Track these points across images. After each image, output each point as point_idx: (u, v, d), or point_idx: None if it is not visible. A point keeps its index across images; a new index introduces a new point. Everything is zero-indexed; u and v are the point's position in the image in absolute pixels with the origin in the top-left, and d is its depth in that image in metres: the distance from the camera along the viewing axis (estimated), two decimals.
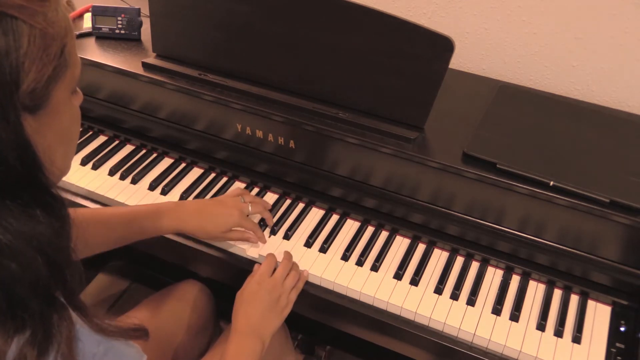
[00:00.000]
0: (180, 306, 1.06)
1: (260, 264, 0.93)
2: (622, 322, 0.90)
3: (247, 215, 0.98)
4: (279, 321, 0.88)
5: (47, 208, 0.49)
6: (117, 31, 1.17)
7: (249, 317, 0.85)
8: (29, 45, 0.46)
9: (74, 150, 0.60)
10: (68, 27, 0.51)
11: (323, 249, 0.99)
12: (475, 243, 0.99)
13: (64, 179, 1.12)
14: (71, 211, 0.53)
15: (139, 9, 1.18)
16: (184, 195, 1.07)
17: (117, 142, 1.20)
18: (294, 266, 0.94)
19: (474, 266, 0.98)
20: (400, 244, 1.01)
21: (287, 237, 1.01)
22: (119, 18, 1.17)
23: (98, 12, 1.17)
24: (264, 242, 0.99)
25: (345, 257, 0.98)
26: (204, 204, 0.97)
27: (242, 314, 0.85)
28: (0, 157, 0.45)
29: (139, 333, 0.59)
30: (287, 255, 0.94)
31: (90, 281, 1.38)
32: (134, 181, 1.10)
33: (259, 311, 0.86)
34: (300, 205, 1.07)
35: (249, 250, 0.98)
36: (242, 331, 0.84)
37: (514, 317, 0.90)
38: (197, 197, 1.07)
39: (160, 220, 0.91)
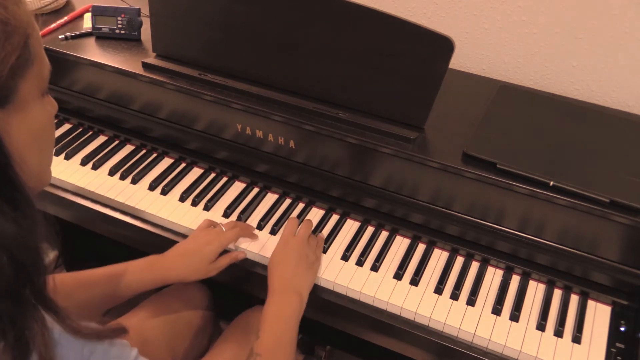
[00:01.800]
0: (180, 306, 1.06)
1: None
2: (622, 322, 0.90)
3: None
4: (312, 276, 0.92)
5: (16, 205, 0.48)
6: (117, 31, 1.17)
7: (282, 275, 0.88)
8: None
9: (51, 157, 0.60)
10: (30, 22, 0.52)
11: (323, 249, 0.99)
12: (475, 243, 0.99)
13: (65, 178, 1.13)
14: (49, 279, 0.53)
15: (139, 9, 1.18)
16: (184, 196, 1.07)
17: (117, 142, 1.19)
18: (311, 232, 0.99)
19: (474, 266, 0.98)
20: (400, 244, 1.01)
21: None
22: (119, 18, 1.17)
23: (98, 12, 1.17)
24: (256, 238, 1.00)
25: (345, 257, 0.98)
26: (182, 246, 0.94)
27: (276, 275, 0.89)
28: None
29: (115, 332, 0.58)
30: (307, 219, 1.01)
31: None
32: (134, 181, 1.10)
33: (290, 268, 0.89)
34: (300, 205, 1.07)
35: (249, 250, 0.98)
36: (278, 290, 0.87)
37: (514, 317, 0.90)
38: (197, 196, 1.07)
39: (144, 274, 0.90)
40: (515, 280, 0.96)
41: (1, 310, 0.47)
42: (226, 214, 1.05)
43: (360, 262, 0.97)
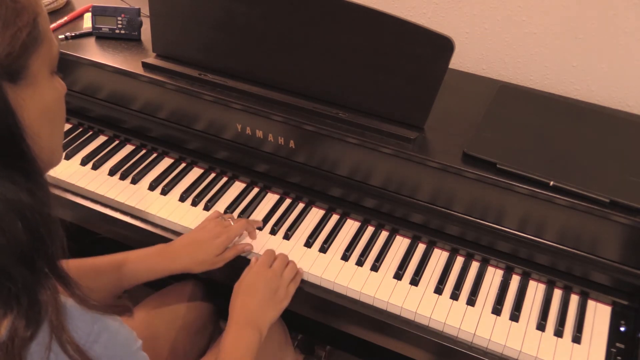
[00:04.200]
0: (180, 306, 1.06)
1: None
2: (622, 322, 0.90)
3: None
4: (277, 313, 0.88)
5: (28, 176, 0.50)
6: (117, 31, 1.17)
7: (246, 308, 0.85)
8: (0, 9, 0.48)
9: (62, 137, 0.62)
10: (38, 2, 0.53)
11: (323, 249, 0.99)
12: (475, 243, 0.99)
13: (65, 178, 1.13)
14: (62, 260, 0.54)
15: (139, 9, 1.18)
16: (184, 196, 1.07)
17: (117, 142, 1.20)
18: (290, 262, 0.94)
19: (474, 266, 0.98)
20: (400, 244, 1.01)
21: (287, 237, 1.01)
22: (119, 18, 1.17)
23: (98, 12, 1.17)
24: (254, 237, 1.00)
25: (345, 257, 0.98)
26: (190, 236, 0.94)
27: (239, 305, 0.86)
28: None
29: (121, 308, 0.60)
30: (282, 253, 0.95)
31: None
32: (134, 181, 1.10)
33: (256, 301, 0.86)
34: (300, 205, 1.07)
35: (253, 252, 0.98)
36: (239, 321, 0.84)
37: (514, 317, 0.90)
38: (197, 197, 1.07)
39: (149, 263, 0.90)
40: (515, 280, 0.96)
41: (16, 277, 0.49)
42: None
43: (360, 262, 0.97)
